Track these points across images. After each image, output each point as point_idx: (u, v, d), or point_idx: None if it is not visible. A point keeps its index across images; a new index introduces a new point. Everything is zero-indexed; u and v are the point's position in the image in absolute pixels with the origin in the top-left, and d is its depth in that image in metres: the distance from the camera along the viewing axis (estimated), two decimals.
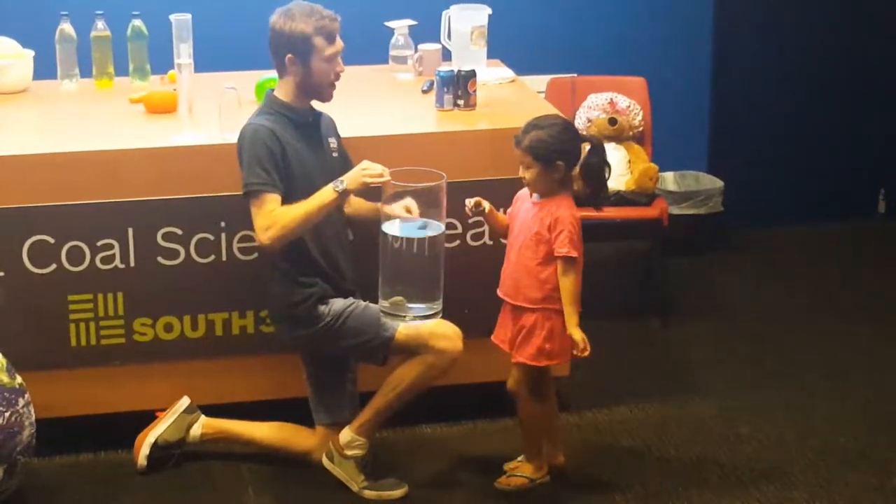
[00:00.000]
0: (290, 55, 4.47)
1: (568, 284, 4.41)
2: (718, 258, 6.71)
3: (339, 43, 4.53)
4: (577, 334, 4.40)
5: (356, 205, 4.70)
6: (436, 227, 4.41)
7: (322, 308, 4.54)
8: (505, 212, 4.64)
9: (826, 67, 6.98)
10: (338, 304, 4.55)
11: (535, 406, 4.59)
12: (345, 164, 4.64)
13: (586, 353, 4.41)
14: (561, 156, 4.42)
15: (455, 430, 5.02)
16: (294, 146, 4.48)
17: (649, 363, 5.64)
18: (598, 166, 4.51)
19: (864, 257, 6.80)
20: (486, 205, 4.52)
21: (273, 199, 4.40)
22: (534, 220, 4.44)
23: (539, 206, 4.45)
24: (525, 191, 4.53)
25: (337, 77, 4.55)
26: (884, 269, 6.66)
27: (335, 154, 4.66)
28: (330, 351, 4.62)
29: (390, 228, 4.40)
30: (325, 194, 4.42)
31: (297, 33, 4.44)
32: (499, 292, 4.56)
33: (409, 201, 4.41)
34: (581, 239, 4.45)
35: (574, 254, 4.40)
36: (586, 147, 4.50)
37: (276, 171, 4.42)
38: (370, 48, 5.79)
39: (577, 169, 4.48)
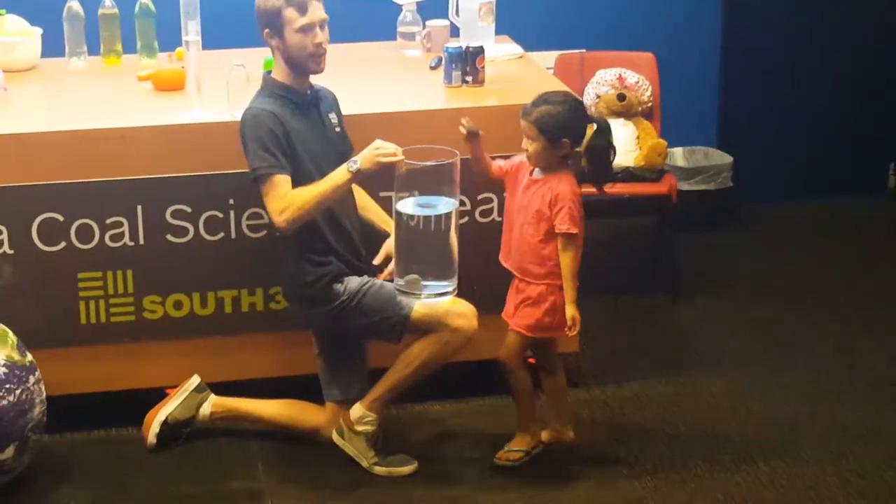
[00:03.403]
0: (266, 30, 4.48)
1: (567, 260, 4.42)
2: (728, 234, 6.70)
3: (315, 14, 4.46)
4: (571, 311, 4.42)
5: (361, 206, 4.73)
6: (449, 205, 4.41)
7: (337, 287, 4.54)
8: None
9: (836, 43, 6.95)
10: (353, 282, 4.56)
11: (525, 376, 4.59)
12: (345, 140, 4.64)
13: (573, 333, 4.44)
14: (567, 133, 4.42)
15: (465, 407, 5.03)
16: (295, 127, 4.48)
17: (659, 339, 5.64)
18: (604, 148, 4.50)
19: (873, 233, 6.78)
20: (479, 132, 4.51)
21: (284, 181, 4.40)
22: (535, 197, 4.44)
23: (540, 183, 4.45)
24: (526, 159, 4.52)
25: (317, 49, 4.49)
26: (893, 244, 6.64)
27: (337, 129, 4.65)
28: (345, 329, 4.62)
29: (404, 207, 4.40)
30: (339, 174, 4.41)
31: (270, 7, 4.46)
32: (504, 263, 4.55)
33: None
34: (582, 216, 4.46)
35: (574, 230, 4.41)
36: (592, 128, 4.49)
37: (281, 153, 4.41)
38: (378, 24, 5.79)
39: (581, 148, 4.48)
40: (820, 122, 7.03)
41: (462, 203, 4.83)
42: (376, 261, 4.65)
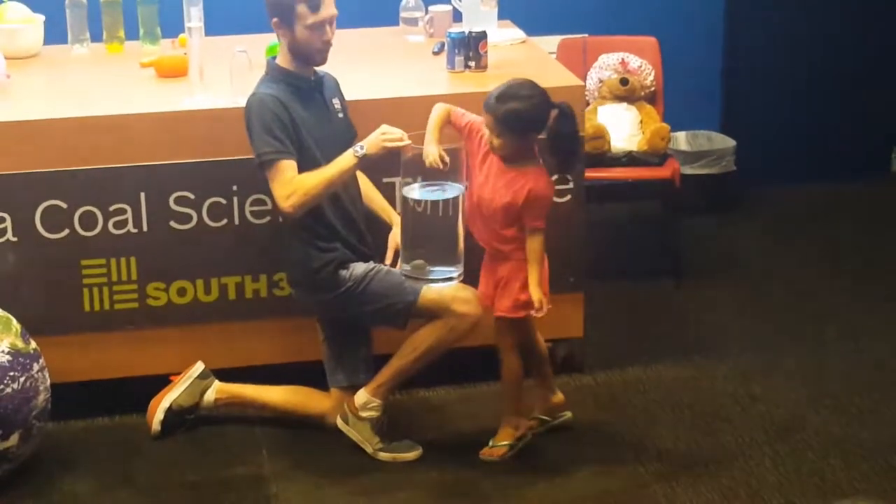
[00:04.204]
0: (275, 19, 4.48)
1: (535, 246, 4.41)
2: (731, 218, 6.69)
3: (326, 11, 4.47)
4: (536, 294, 4.41)
5: (364, 194, 4.73)
6: (455, 190, 4.40)
7: (343, 273, 4.54)
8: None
9: (839, 25, 6.94)
10: (359, 268, 4.56)
11: (516, 362, 4.59)
12: (349, 126, 4.64)
13: (541, 314, 4.43)
14: (534, 127, 4.38)
15: (469, 393, 5.03)
16: (300, 112, 4.48)
17: (663, 324, 5.64)
18: (569, 135, 4.43)
19: (876, 215, 6.78)
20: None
21: (290, 166, 4.40)
22: (507, 190, 4.39)
23: (512, 176, 4.39)
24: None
25: (324, 45, 4.51)
26: None
27: (340, 115, 4.65)
28: (351, 315, 4.62)
29: (410, 192, 4.39)
30: (345, 159, 4.42)
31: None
32: (472, 231, 4.53)
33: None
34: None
35: (544, 224, 4.42)
36: (554, 113, 4.40)
37: (287, 138, 4.42)
38: (380, 10, 5.79)
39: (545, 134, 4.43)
40: (823, 106, 7.02)
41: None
42: (387, 261, 4.65)
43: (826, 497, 4.38)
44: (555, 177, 4.61)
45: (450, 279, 4.46)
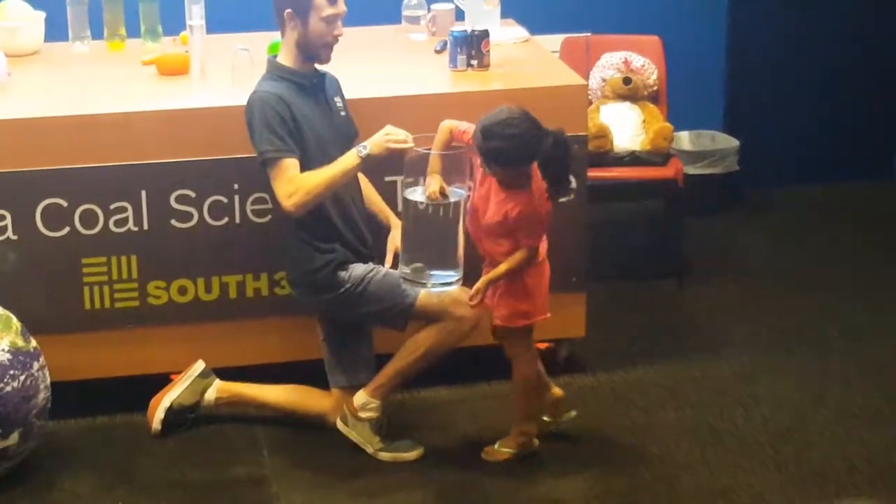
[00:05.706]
0: (289, 10, 4.46)
1: (518, 258, 4.37)
2: (734, 218, 6.68)
3: (342, 6, 4.49)
4: (481, 285, 4.37)
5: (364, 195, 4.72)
6: (458, 194, 4.37)
7: (342, 274, 4.53)
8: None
9: (842, 26, 6.93)
10: (358, 269, 4.55)
11: (530, 366, 4.57)
12: (350, 125, 4.63)
13: (473, 303, 4.38)
14: (527, 159, 4.29)
15: (471, 392, 5.02)
16: (302, 110, 4.47)
17: (665, 324, 5.62)
18: (560, 160, 4.31)
19: (880, 217, 6.76)
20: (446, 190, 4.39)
21: (292, 165, 4.39)
22: (500, 208, 4.35)
23: (505, 197, 4.34)
24: None
25: (334, 40, 4.51)
26: None
27: (342, 113, 4.64)
28: (350, 316, 4.61)
29: (413, 195, 4.37)
30: (349, 159, 4.40)
31: None
32: (473, 237, 4.50)
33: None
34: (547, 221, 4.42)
35: (536, 244, 4.39)
36: (548, 140, 4.28)
37: (289, 136, 4.40)
38: (383, 8, 5.78)
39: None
40: (827, 106, 7.01)
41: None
42: (386, 263, 4.63)
43: (828, 498, 4.38)
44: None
45: (449, 284, 4.41)
